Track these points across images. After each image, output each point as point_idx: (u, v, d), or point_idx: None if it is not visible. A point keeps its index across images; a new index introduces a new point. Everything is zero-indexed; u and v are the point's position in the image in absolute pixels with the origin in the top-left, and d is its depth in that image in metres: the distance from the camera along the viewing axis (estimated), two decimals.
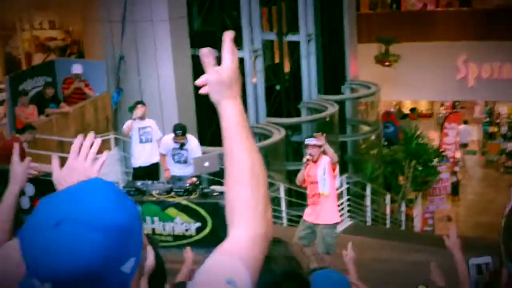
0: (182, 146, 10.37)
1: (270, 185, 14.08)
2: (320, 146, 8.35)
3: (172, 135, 10.43)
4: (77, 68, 12.94)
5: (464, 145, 24.77)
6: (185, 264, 4.82)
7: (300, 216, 9.22)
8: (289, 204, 13.91)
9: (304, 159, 8.56)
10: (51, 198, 1.49)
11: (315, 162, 8.39)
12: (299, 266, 2.27)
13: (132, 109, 11.29)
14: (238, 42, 14.90)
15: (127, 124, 10.84)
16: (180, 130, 10.27)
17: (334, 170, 8.40)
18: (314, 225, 8.52)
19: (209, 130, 15.19)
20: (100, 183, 1.53)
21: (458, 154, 23.39)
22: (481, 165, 25.21)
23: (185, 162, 10.49)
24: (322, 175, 8.35)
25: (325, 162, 8.37)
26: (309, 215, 8.59)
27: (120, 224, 1.45)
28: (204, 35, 14.92)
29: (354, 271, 5.08)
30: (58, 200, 1.48)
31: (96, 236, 1.40)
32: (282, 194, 13.21)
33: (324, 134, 8.62)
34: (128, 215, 1.49)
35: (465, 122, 24.77)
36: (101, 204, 1.46)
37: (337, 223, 9.04)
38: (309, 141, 8.55)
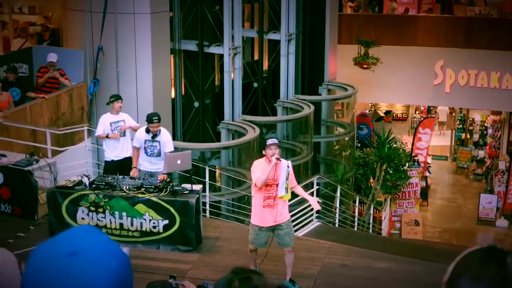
0: (154, 137, 10.42)
1: (242, 183, 14.20)
2: (279, 146, 8.40)
3: (144, 127, 10.51)
4: (52, 57, 12.90)
5: (442, 123, 26.55)
6: None
7: None
8: None
9: (273, 161, 8.22)
10: (55, 238, 1.62)
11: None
12: None
13: (110, 103, 11.27)
14: (218, 37, 14.98)
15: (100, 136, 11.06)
16: (156, 117, 10.37)
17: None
18: (272, 227, 8.51)
19: (183, 126, 15.29)
20: (91, 227, 1.68)
21: (429, 159, 23.67)
22: (452, 171, 25.54)
23: (158, 155, 10.55)
24: (285, 180, 8.30)
25: (286, 166, 8.38)
26: (267, 221, 8.47)
27: (122, 254, 1.60)
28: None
29: None
30: (64, 237, 1.60)
31: (110, 263, 1.53)
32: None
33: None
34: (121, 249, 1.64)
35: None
36: (103, 238, 1.60)
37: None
38: (272, 141, 8.32)
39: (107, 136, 10.98)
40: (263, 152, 8.40)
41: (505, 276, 1.52)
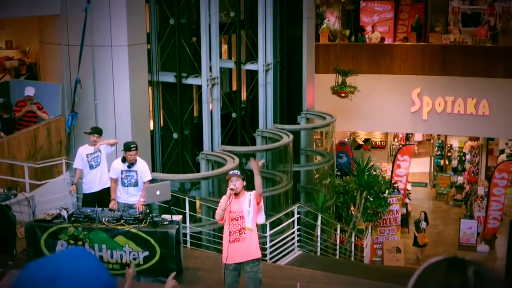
0: (130, 166, 10.41)
1: None
2: (243, 179, 8.20)
3: (120, 158, 10.51)
4: (29, 90, 12.88)
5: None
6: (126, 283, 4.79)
7: None
8: None
9: (227, 192, 8.15)
10: (42, 260, 1.64)
11: (237, 196, 8.15)
12: None
13: (87, 133, 11.19)
14: (196, 69, 15.04)
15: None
16: (134, 144, 10.38)
17: (258, 203, 8.21)
18: (240, 264, 8.29)
19: (163, 157, 15.26)
20: (83, 250, 1.69)
21: (409, 186, 23.76)
22: (431, 198, 25.66)
23: (135, 185, 10.52)
24: (248, 207, 8.14)
25: (249, 195, 8.18)
26: (234, 257, 8.22)
27: (107, 282, 1.61)
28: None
29: None
30: (50, 260, 1.62)
31: None
32: None
33: (262, 161, 8.47)
34: (110, 276, 1.65)
35: None
36: (89, 264, 1.61)
37: (261, 258, 8.63)
38: (233, 172, 8.31)
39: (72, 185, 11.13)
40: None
41: None
